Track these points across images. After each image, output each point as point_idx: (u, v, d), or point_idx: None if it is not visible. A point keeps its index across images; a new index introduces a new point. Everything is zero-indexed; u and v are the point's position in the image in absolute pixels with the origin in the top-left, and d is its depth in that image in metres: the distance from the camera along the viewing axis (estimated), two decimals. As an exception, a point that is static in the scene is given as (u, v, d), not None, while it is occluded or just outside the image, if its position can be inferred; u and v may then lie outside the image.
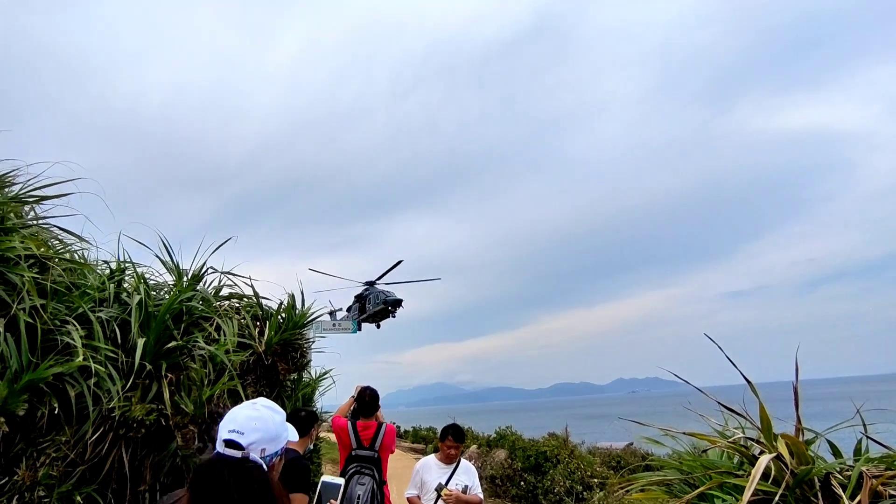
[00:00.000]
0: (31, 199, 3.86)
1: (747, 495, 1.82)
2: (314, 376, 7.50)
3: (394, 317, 22.15)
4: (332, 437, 5.13)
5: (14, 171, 3.86)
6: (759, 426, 2.24)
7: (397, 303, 21.81)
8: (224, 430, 1.60)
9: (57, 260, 3.75)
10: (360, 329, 20.64)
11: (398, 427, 23.88)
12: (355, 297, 23.59)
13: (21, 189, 3.78)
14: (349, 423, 4.45)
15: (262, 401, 1.78)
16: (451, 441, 4.46)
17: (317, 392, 7.46)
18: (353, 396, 4.90)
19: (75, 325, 3.54)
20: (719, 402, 2.55)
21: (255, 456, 1.52)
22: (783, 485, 1.88)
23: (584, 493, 9.16)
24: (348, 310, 23.83)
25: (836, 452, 2.29)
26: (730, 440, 2.27)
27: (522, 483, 9.77)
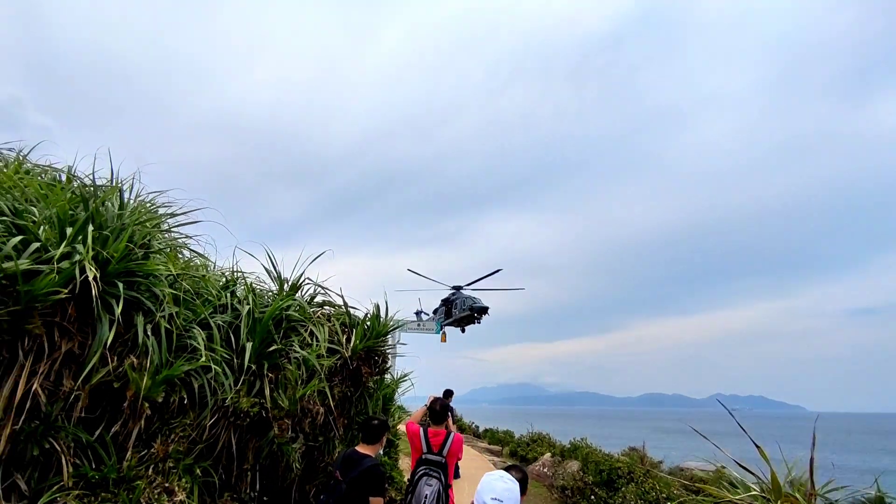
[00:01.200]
0: (169, 227, 4.76)
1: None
2: (395, 377, 8.16)
3: (479, 323, 22.45)
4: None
5: (154, 199, 4.77)
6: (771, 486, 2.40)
7: (483, 310, 22.09)
8: (487, 497, 2.53)
9: (186, 275, 4.59)
10: (443, 337, 21.23)
11: (476, 427, 24.39)
12: (442, 300, 24.17)
13: (162, 217, 4.68)
14: (421, 429, 4.95)
15: (507, 475, 2.69)
16: None
17: (396, 393, 8.11)
18: (425, 405, 5.40)
19: (199, 330, 4.33)
20: (740, 464, 2.71)
21: None
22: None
23: (656, 515, 9.08)
24: (434, 312, 24.53)
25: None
26: (738, 497, 2.44)
27: (593, 497, 9.82)
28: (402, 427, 7.35)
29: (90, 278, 3.17)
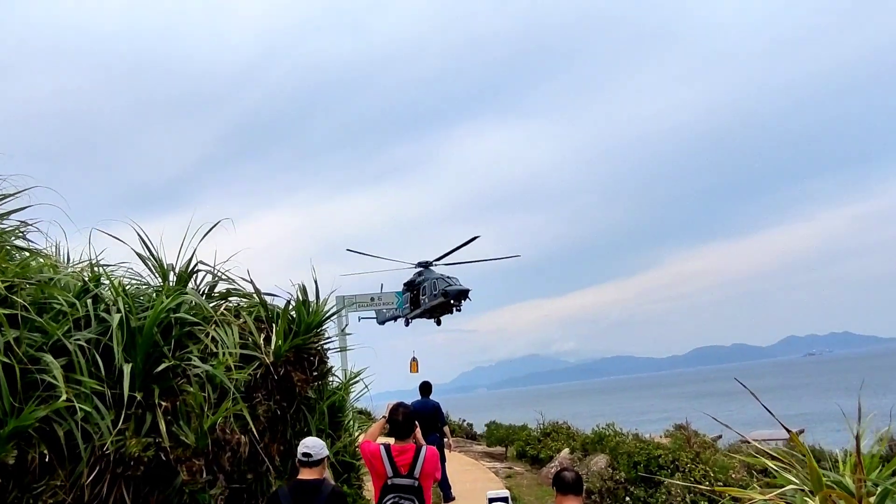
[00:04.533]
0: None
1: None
2: (345, 378, 8.28)
3: (458, 311, 22.19)
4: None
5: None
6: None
7: (463, 294, 22.10)
8: None
9: (24, 284, 4.54)
10: (413, 366, 21.33)
11: (469, 425, 25.02)
12: (405, 284, 23.78)
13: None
14: (382, 448, 5.09)
15: None
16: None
17: (347, 400, 8.23)
18: (384, 416, 5.55)
19: (51, 358, 4.33)
20: (767, 451, 2.92)
21: None
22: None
23: (711, 508, 9.64)
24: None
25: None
26: (775, 494, 2.65)
27: (628, 499, 10.31)
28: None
29: None
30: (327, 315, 6.49)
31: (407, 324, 24.83)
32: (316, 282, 6.57)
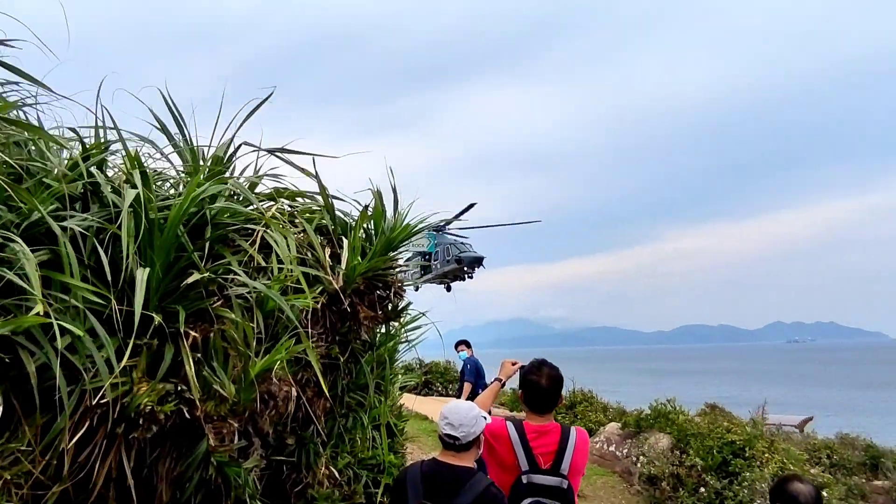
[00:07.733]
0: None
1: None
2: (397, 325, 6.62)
3: (470, 278, 22.61)
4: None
5: None
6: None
7: (477, 262, 22.32)
8: None
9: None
10: (421, 278, 21.28)
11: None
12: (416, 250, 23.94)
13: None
14: (510, 427, 3.44)
15: None
16: None
17: (398, 349, 6.56)
18: (497, 380, 3.98)
19: (24, 249, 2.64)
20: None
21: None
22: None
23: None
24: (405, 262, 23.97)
25: None
26: None
27: (703, 489, 9.06)
28: (419, 406, 5.92)
29: None
30: (415, 230, 4.74)
31: (416, 289, 24.49)
32: (394, 189, 4.85)
